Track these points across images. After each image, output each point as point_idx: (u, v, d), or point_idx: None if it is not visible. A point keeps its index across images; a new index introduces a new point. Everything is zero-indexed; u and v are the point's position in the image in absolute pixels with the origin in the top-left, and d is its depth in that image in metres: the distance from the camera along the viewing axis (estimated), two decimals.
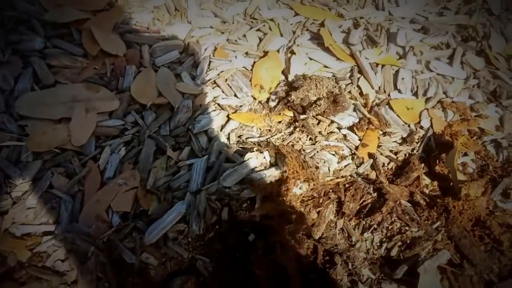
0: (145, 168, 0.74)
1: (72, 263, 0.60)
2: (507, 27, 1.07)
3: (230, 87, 0.86)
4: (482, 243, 0.70)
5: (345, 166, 0.78)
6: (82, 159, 0.74)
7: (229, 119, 0.82)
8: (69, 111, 0.77)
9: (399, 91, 0.91)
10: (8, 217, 0.66)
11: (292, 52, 0.93)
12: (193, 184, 0.72)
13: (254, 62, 0.91)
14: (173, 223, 0.67)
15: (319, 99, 0.82)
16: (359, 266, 0.69)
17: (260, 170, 0.72)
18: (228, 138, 0.80)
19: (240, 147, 0.77)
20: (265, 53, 0.93)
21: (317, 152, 0.78)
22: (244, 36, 0.96)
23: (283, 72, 0.91)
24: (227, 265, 0.69)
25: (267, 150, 0.75)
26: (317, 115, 0.83)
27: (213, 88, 0.87)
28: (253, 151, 0.75)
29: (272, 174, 0.71)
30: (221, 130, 0.81)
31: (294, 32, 0.98)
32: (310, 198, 0.72)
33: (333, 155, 0.79)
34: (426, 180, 0.78)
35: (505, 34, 1.05)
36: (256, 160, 0.74)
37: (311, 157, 0.76)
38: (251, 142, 0.79)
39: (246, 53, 0.92)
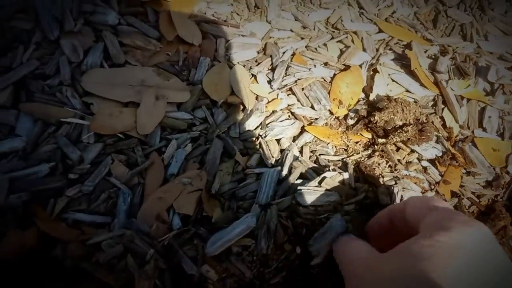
0: (211, 170, 0.67)
1: (129, 264, 0.53)
2: None
3: (307, 97, 0.79)
4: None
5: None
6: (145, 150, 0.67)
7: (303, 130, 0.75)
8: (138, 95, 0.70)
9: (484, 130, 0.83)
10: (61, 201, 0.59)
11: (375, 71, 0.86)
12: (262, 196, 0.64)
13: (334, 75, 0.83)
14: (240, 236, 0.59)
15: (405, 124, 0.74)
16: None
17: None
18: (301, 152, 0.72)
19: (316, 164, 0.70)
20: (346, 66, 0.85)
21: (399, 180, 0.70)
22: (325, 45, 0.89)
23: (363, 90, 0.83)
24: None
25: (347, 172, 0.68)
26: (400, 141, 0.75)
27: (288, 95, 0.79)
28: (331, 171, 0.68)
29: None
30: (293, 141, 0.74)
31: (377, 50, 0.90)
32: None
33: (414, 184, 0.71)
34: None
35: None
36: (334, 181, 0.66)
37: (394, 184, 0.69)
38: (325, 159, 0.71)
39: (326, 64, 0.85)
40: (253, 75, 0.80)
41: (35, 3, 0.76)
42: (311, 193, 0.64)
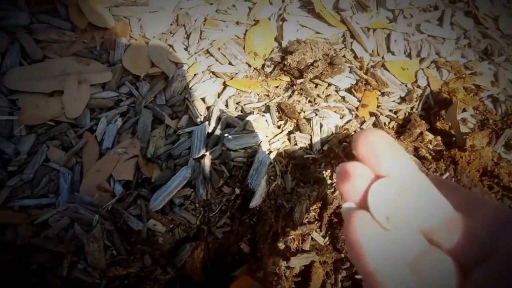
0: (144, 137, 0.71)
1: (76, 231, 0.56)
2: None
3: (224, 55, 0.84)
4: (492, 191, 0.69)
5: (347, 122, 0.77)
6: (77, 131, 0.70)
7: (225, 86, 0.79)
8: (61, 84, 0.73)
9: (393, 53, 0.90)
10: (5, 191, 0.62)
11: (284, 19, 0.91)
12: (195, 150, 0.69)
13: (246, 30, 0.88)
14: (178, 188, 0.63)
15: (315, 61, 0.80)
16: None
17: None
18: (227, 105, 0.77)
19: (240, 112, 0.75)
20: (256, 21, 0.90)
21: (318, 111, 0.76)
22: (234, 6, 0.93)
23: (276, 39, 0.88)
24: (236, 230, 0.67)
25: (269, 113, 0.73)
26: (314, 77, 0.81)
27: (206, 57, 0.84)
28: (254, 115, 0.73)
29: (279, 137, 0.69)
30: (218, 97, 0.78)
31: (283, 1, 0.95)
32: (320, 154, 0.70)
33: (335, 113, 0.77)
34: (429, 136, 0.77)
35: None
36: (258, 123, 0.71)
37: (314, 116, 0.74)
38: (251, 107, 0.76)
39: (237, 22, 0.90)
40: (170, 45, 0.84)
41: None
42: (238, 138, 0.69)
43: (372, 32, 0.92)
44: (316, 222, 0.71)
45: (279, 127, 0.73)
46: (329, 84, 0.82)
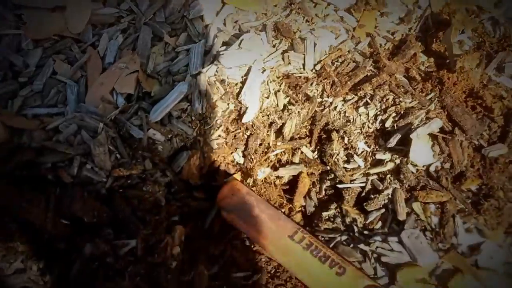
0: (143, 53, 0.80)
1: (84, 137, 0.68)
2: None
3: None
4: (474, 112, 0.77)
5: (341, 42, 0.84)
6: (81, 46, 0.80)
7: (224, 3, 0.86)
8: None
9: None
10: (18, 100, 0.73)
11: None
12: (192, 67, 0.78)
13: None
14: (176, 102, 0.74)
15: None
16: (355, 140, 0.77)
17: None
18: (224, 24, 0.85)
19: (239, 32, 0.83)
20: None
21: (314, 30, 0.83)
22: None
23: None
24: (230, 142, 0.78)
25: (264, 32, 0.81)
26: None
27: None
28: (250, 33, 0.81)
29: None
30: (216, 15, 0.86)
31: None
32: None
33: (327, 30, 0.84)
34: (423, 58, 0.84)
35: None
36: (253, 42, 0.79)
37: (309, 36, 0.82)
38: (248, 26, 0.84)
39: None
40: None
41: None
42: (233, 55, 0.77)
43: None
44: (307, 137, 0.82)
45: (274, 46, 0.81)
46: (329, 4, 0.88)
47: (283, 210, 0.76)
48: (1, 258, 0.60)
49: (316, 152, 0.81)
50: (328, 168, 0.78)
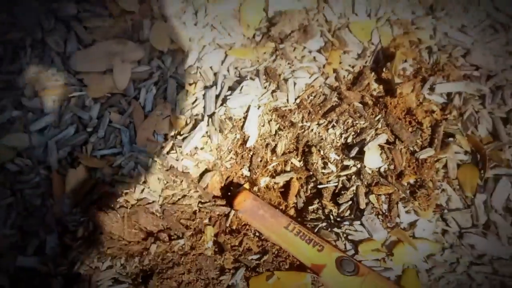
0: (172, 100, 1.03)
1: (140, 170, 0.92)
2: None
3: (225, 28, 1.11)
4: (410, 126, 1.00)
5: (314, 80, 1.06)
6: (127, 99, 1.03)
7: (226, 55, 1.08)
8: (110, 63, 1.04)
9: (356, 15, 1.15)
10: (89, 146, 0.96)
11: None
12: (208, 109, 1.01)
13: (240, 4, 1.14)
14: (199, 137, 0.98)
15: (292, 31, 1.08)
16: (328, 152, 1.01)
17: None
18: (228, 71, 1.07)
19: (239, 77, 1.05)
20: None
21: (294, 72, 1.05)
22: None
23: (264, 10, 1.14)
24: (239, 161, 1.02)
25: (257, 77, 1.03)
26: (292, 44, 1.08)
27: (211, 30, 1.12)
28: (248, 79, 1.03)
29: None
30: (221, 64, 1.08)
31: None
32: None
33: (306, 72, 1.06)
34: (374, 85, 1.07)
35: None
36: (250, 87, 1.02)
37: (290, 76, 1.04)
38: (245, 71, 1.06)
39: None
40: (183, 22, 1.11)
41: (16, 14, 1.05)
42: (236, 98, 1.00)
43: None
44: (294, 152, 1.05)
45: (265, 87, 1.03)
46: (304, 48, 1.10)
47: (280, 207, 1.01)
48: (97, 259, 0.85)
49: (301, 162, 1.05)
50: (311, 173, 1.03)
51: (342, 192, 0.98)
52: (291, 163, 1.05)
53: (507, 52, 1.11)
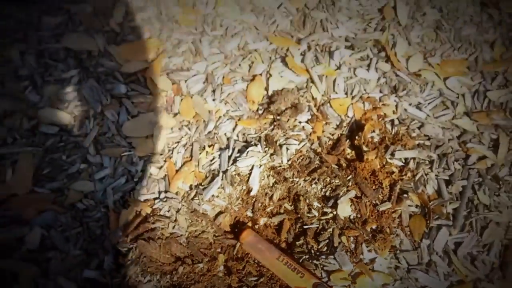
0: (195, 159, 1.36)
1: (172, 212, 1.25)
2: (411, 33, 1.60)
3: (235, 103, 1.45)
4: (374, 184, 1.33)
5: (303, 146, 1.39)
6: (163, 158, 1.36)
7: (236, 124, 1.42)
8: (151, 130, 1.38)
9: (336, 93, 1.49)
10: (136, 192, 1.30)
11: (270, 74, 1.50)
12: (222, 167, 1.34)
13: (247, 85, 1.48)
14: (216, 188, 1.30)
15: (286, 108, 1.41)
16: (312, 201, 1.33)
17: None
18: (238, 137, 1.40)
19: (245, 142, 1.39)
20: (254, 76, 1.49)
21: (288, 139, 1.39)
22: (240, 65, 1.52)
23: (265, 89, 1.48)
24: (245, 205, 1.35)
25: (259, 143, 1.37)
26: (286, 117, 1.42)
27: (225, 105, 1.45)
28: (252, 145, 1.37)
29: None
30: (233, 131, 1.41)
31: (270, 58, 1.53)
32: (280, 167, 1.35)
33: (296, 140, 1.40)
34: (348, 151, 1.39)
35: (409, 39, 1.59)
36: (254, 152, 1.35)
37: (285, 143, 1.38)
38: (251, 137, 1.40)
39: (242, 78, 1.49)
40: (204, 99, 1.46)
41: (84, 93, 1.40)
42: (244, 160, 1.33)
43: (324, 78, 1.50)
44: (286, 198, 1.38)
45: (265, 151, 1.36)
46: (295, 119, 1.43)
47: (275, 241, 1.33)
48: (140, 275, 1.18)
49: (292, 207, 1.37)
50: (299, 216, 1.34)
51: (322, 232, 1.27)
52: (284, 207, 1.37)
53: (453, 124, 1.44)
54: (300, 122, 1.43)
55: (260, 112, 1.45)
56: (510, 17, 1.64)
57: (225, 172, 1.33)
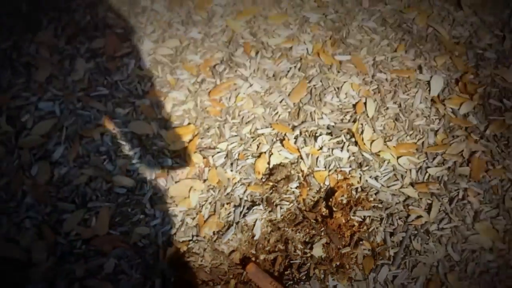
0: (217, 212, 1.96)
1: (200, 250, 1.84)
2: (375, 123, 2.19)
3: (246, 173, 2.05)
4: (339, 234, 1.89)
5: (291, 205, 1.98)
6: (195, 212, 1.97)
7: (247, 189, 2.02)
8: (188, 192, 1.99)
9: (318, 167, 2.07)
10: (178, 235, 1.90)
11: (271, 152, 2.10)
12: (235, 219, 1.93)
13: (255, 160, 2.09)
14: (231, 234, 1.89)
15: (282, 178, 2.01)
16: (297, 244, 1.90)
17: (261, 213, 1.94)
18: (247, 197, 2.00)
19: (251, 202, 1.98)
20: (260, 154, 2.10)
21: (281, 201, 1.98)
22: (250, 145, 2.12)
23: (268, 163, 2.08)
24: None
25: (261, 202, 1.96)
26: (281, 185, 2.01)
27: (239, 174, 2.05)
28: (257, 204, 1.96)
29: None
30: (244, 194, 2.01)
31: (272, 140, 2.14)
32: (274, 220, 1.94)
33: (287, 201, 1.98)
34: (324, 210, 1.97)
35: (374, 127, 2.17)
36: (257, 208, 1.94)
37: (279, 203, 1.96)
38: (256, 198, 1.99)
39: (252, 155, 2.10)
40: (225, 170, 2.07)
41: (143, 164, 2.04)
42: (251, 215, 1.92)
43: (310, 156, 2.10)
44: (279, 242, 1.95)
45: (265, 209, 1.95)
46: (288, 186, 2.02)
47: (270, 271, 1.90)
48: None
49: (283, 247, 1.94)
50: (288, 254, 1.92)
51: (302, 266, 1.84)
52: (278, 247, 1.93)
53: (400, 192, 2.00)
54: (291, 188, 2.02)
55: (263, 180, 2.05)
56: (453, 112, 2.21)
57: (237, 223, 1.92)
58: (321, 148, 2.11)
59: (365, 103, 2.22)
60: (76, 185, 1.96)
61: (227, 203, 1.98)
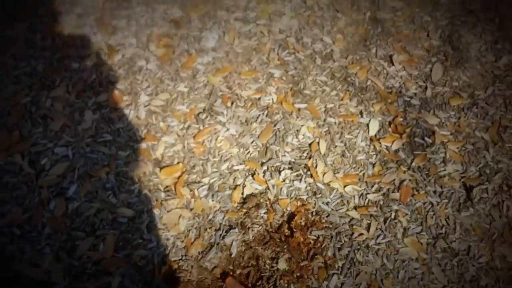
0: (201, 235, 2.14)
1: (188, 267, 2.02)
2: (327, 158, 2.41)
3: (225, 202, 2.24)
4: (299, 250, 2.09)
5: (261, 228, 2.17)
6: (184, 235, 2.14)
7: (225, 215, 2.21)
8: (177, 219, 2.16)
9: (282, 196, 2.28)
10: (170, 256, 2.07)
11: (244, 185, 2.29)
12: (216, 241, 2.11)
13: (232, 191, 2.27)
14: (213, 253, 2.07)
15: (253, 206, 2.21)
16: (266, 260, 2.09)
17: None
18: (225, 222, 2.18)
19: (229, 226, 2.17)
20: (236, 186, 2.29)
21: (252, 224, 2.17)
22: (228, 179, 2.32)
23: (242, 194, 2.27)
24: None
25: (236, 226, 2.15)
26: (253, 212, 2.21)
27: (219, 203, 2.24)
28: (233, 228, 2.14)
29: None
30: (222, 219, 2.19)
31: (245, 175, 2.34)
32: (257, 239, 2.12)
33: (257, 225, 2.17)
34: (287, 231, 2.16)
35: (325, 162, 2.40)
36: (233, 232, 2.13)
37: (251, 226, 2.15)
38: (232, 223, 2.18)
39: (229, 187, 2.29)
40: (208, 200, 2.25)
41: (141, 198, 2.21)
42: (228, 237, 2.11)
43: (275, 187, 2.30)
44: (252, 258, 2.13)
45: (240, 231, 2.13)
46: (258, 212, 2.21)
47: (245, 283, 2.07)
48: None
49: (255, 263, 2.13)
50: (259, 268, 2.10)
51: (270, 278, 2.02)
52: (251, 263, 2.11)
53: (347, 215, 2.22)
54: (260, 213, 2.21)
55: (238, 208, 2.23)
56: (386, 148, 2.45)
57: (218, 244, 2.10)
58: (284, 180, 2.31)
59: (318, 143, 2.44)
60: (87, 216, 2.11)
61: (209, 228, 2.16)
